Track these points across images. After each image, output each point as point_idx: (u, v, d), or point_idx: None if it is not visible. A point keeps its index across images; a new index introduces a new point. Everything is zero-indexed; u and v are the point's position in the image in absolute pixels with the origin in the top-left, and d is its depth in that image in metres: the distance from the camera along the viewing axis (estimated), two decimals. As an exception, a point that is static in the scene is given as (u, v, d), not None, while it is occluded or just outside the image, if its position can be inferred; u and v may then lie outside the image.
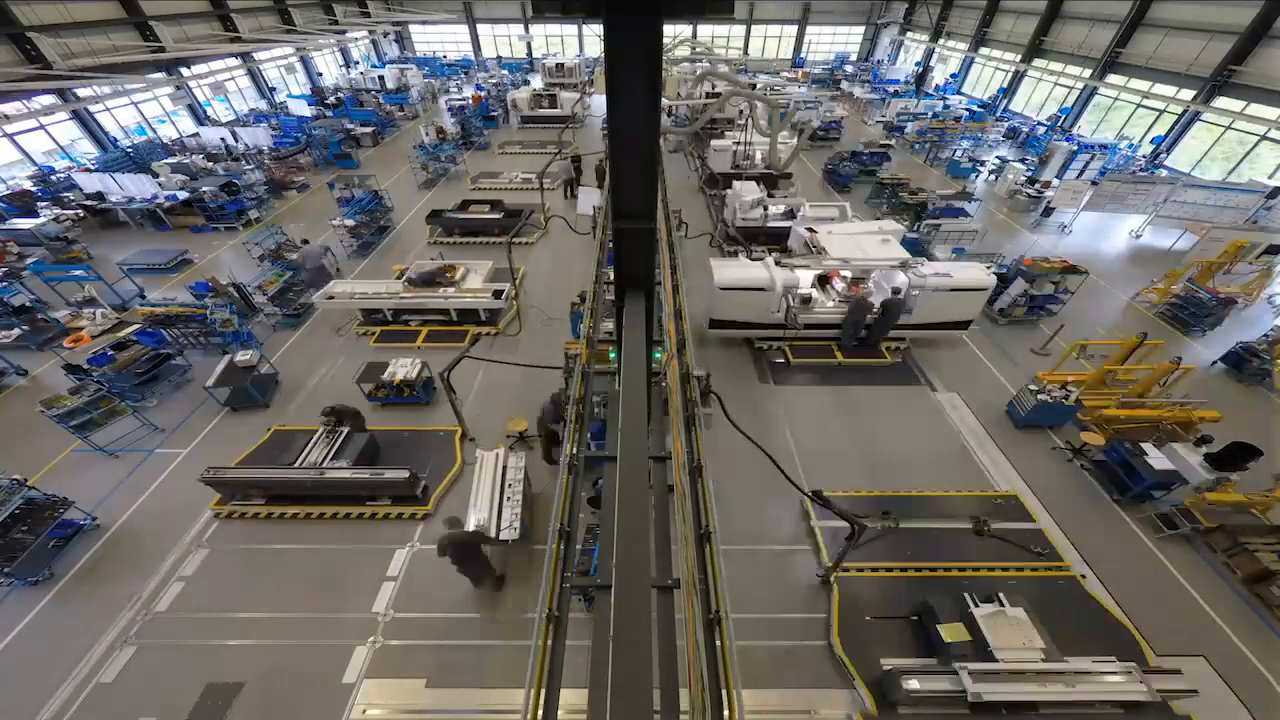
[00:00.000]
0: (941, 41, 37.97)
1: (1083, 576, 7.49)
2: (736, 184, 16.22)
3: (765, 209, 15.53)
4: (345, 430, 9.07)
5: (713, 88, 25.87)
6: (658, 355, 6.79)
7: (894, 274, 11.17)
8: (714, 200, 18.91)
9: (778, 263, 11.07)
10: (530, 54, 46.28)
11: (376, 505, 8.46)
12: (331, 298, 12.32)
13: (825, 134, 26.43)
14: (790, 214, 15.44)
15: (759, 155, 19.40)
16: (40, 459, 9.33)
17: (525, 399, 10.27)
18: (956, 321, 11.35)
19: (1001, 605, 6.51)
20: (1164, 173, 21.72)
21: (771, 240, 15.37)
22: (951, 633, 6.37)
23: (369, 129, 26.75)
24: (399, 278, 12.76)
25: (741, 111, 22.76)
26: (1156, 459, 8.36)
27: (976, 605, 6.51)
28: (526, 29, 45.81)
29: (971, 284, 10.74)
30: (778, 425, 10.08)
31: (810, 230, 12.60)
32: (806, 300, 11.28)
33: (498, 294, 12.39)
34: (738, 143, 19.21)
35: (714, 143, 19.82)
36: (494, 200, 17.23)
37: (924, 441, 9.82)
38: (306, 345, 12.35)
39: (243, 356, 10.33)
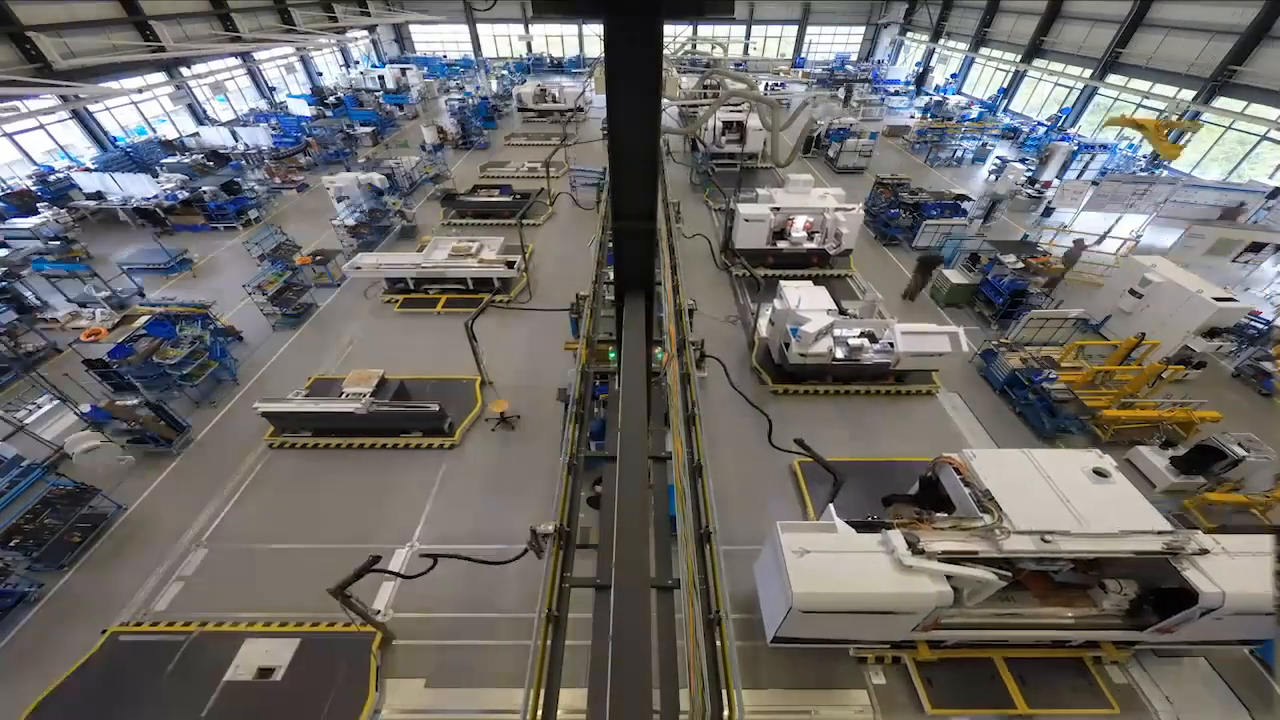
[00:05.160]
0: (941, 42, 37.99)
1: None
2: (788, 292, 10.55)
3: (833, 335, 10.10)
4: (380, 374, 9.98)
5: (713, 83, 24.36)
6: (658, 355, 6.78)
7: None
8: (728, 271, 14.73)
9: (913, 546, 5.54)
10: (530, 53, 46.28)
11: (409, 437, 9.56)
12: (359, 268, 13.51)
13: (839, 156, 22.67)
14: (865, 350, 10.15)
15: (800, 223, 14.18)
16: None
17: (532, 360, 11.79)
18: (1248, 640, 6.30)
19: None
20: (1164, 173, 21.69)
21: (844, 378, 10.50)
22: None
23: (369, 129, 26.76)
24: (420, 249, 14.19)
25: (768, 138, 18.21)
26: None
27: None
28: (527, 29, 45.79)
29: None
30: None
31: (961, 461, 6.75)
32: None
33: (510, 264, 13.55)
34: (775, 208, 13.89)
35: (743, 210, 13.80)
36: (503, 185, 18.91)
37: None
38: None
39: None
